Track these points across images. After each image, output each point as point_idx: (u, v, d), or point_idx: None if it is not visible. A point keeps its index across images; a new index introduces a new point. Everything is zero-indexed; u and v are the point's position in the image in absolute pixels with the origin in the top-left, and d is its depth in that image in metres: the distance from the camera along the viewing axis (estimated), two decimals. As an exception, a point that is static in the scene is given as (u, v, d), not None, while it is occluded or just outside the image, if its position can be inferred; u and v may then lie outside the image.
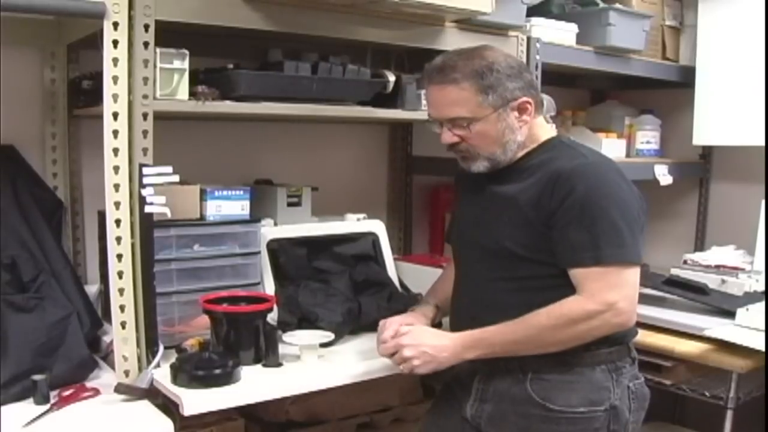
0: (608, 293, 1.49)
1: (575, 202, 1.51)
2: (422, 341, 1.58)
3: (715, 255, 2.61)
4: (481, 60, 1.57)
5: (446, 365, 1.59)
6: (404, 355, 1.58)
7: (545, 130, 1.67)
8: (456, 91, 1.57)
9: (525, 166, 1.62)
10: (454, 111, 1.58)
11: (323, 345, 1.73)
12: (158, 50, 1.61)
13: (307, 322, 1.84)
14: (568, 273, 1.53)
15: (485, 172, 1.64)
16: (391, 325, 1.68)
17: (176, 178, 1.61)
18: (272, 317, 1.79)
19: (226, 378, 1.55)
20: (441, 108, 1.61)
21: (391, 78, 2.07)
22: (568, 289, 1.53)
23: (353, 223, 2.24)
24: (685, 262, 2.61)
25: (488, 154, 1.61)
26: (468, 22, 2.11)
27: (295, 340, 1.72)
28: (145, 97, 1.57)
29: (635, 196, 1.57)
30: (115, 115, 1.54)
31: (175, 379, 1.54)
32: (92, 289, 1.98)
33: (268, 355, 1.67)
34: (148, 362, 1.60)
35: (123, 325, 1.58)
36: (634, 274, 1.53)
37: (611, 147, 2.66)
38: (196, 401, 1.48)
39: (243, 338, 1.67)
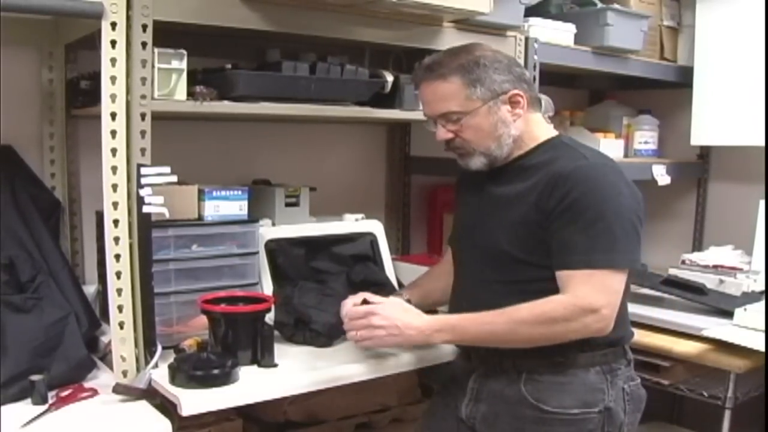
0: (594, 297, 1.47)
1: (572, 205, 1.49)
2: (395, 315, 1.56)
3: (713, 255, 2.61)
4: (467, 55, 1.59)
5: (411, 344, 1.59)
6: (373, 322, 1.54)
7: (545, 129, 1.67)
8: (444, 86, 1.58)
9: (525, 167, 1.62)
10: (444, 106, 1.60)
11: None
12: (156, 50, 1.61)
13: (302, 323, 1.84)
14: (556, 274, 1.51)
15: (484, 169, 1.64)
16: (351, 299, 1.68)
17: (174, 178, 1.61)
18: (270, 317, 1.79)
19: (225, 378, 1.55)
20: (432, 104, 1.63)
21: (389, 78, 2.07)
22: None
23: (351, 224, 2.24)
24: (683, 262, 2.60)
25: (483, 149, 1.61)
26: (466, 22, 2.11)
27: None
28: (143, 97, 1.57)
29: (635, 200, 1.54)
30: (113, 116, 1.54)
31: (173, 380, 1.54)
32: (90, 289, 1.98)
33: (264, 355, 1.67)
34: (146, 362, 1.60)
35: (121, 325, 1.58)
36: (620, 281, 1.51)
37: (609, 147, 2.66)
38: (194, 401, 1.48)
39: (241, 338, 1.67)
